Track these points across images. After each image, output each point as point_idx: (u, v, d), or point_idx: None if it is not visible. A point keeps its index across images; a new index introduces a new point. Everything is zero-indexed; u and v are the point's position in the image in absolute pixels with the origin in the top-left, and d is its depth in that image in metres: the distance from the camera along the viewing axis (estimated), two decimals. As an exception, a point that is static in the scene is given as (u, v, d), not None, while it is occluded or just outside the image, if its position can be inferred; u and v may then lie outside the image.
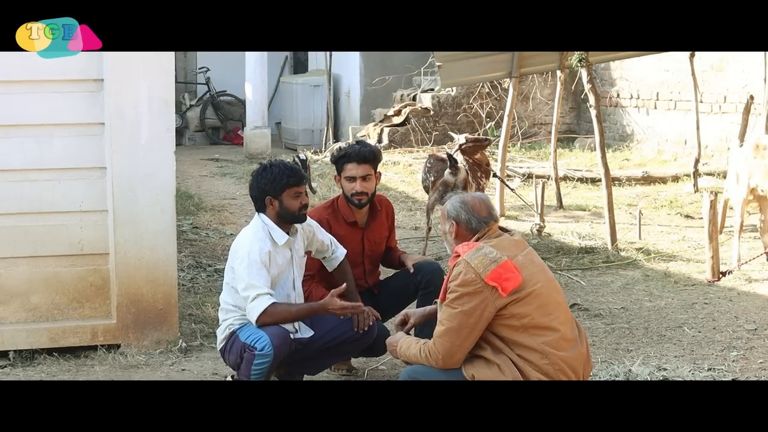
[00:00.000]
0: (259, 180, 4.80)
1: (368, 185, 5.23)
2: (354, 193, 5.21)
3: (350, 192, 5.22)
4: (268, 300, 4.62)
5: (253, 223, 4.86)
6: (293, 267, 4.88)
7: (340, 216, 5.29)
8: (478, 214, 4.14)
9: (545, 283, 4.06)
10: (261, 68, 14.58)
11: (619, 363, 5.45)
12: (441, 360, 4.02)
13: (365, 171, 5.20)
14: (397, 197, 10.93)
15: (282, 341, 4.61)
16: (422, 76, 15.11)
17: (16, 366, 5.59)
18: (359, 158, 5.19)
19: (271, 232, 4.78)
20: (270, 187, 4.76)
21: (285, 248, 4.82)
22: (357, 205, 5.24)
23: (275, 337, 4.60)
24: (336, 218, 5.28)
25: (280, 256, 4.79)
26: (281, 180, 4.76)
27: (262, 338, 4.59)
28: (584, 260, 8.04)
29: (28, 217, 5.67)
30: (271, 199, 4.77)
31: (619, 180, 11.26)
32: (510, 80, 10.17)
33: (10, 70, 5.47)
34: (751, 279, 7.29)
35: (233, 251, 4.80)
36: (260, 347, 4.58)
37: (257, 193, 4.81)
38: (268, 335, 4.59)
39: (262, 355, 4.59)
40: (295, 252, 4.89)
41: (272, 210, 4.79)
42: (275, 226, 4.79)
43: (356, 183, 5.20)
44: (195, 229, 9.15)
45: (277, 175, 4.77)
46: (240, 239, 4.83)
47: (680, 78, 12.75)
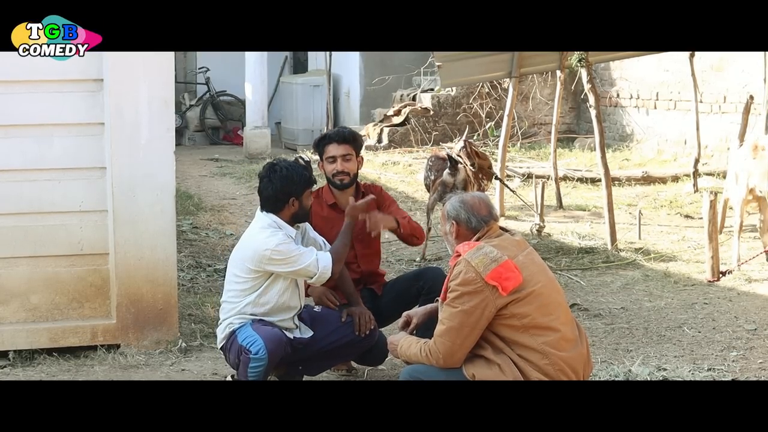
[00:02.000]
0: (282, 181, 4.76)
1: (349, 165, 5.24)
2: (335, 173, 5.23)
3: (331, 173, 5.24)
4: (324, 253, 4.78)
5: (260, 221, 4.82)
6: None
7: (322, 201, 5.31)
8: (478, 213, 4.15)
9: (546, 284, 4.06)
10: (261, 68, 14.58)
11: (619, 363, 5.45)
12: (442, 359, 4.02)
13: (345, 150, 5.23)
14: (397, 197, 10.91)
15: (276, 345, 4.62)
16: (422, 76, 15.11)
17: (15, 366, 5.59)
18: (339, 138, 5.24)
19: (281, 228, 4.79)
20: (294, 188, 4.77)
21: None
22: (338, 186, 5.25)
23: (269, 341, 4.60)
24: (319, 203, 5.31)
25: None
26: (305, 180, 4.81)
27: (257, 342, 4.60)
28: (584, 260, 8.04)
29: (28, 217, 5.67)
30: (294, 199, 4.78)
31: (619, 180, 11.26)
32: (510, 80, 10.17)
33: (10, 70, 5.46)
34: (751, 279, 7.29)
35: (250, 248, 4.75)
36: (254, 351, 4.60)
37: (280, 194, 4.77)
38: (263, 339, 4.60)
39: (256, 358, 4.60)
40: None
41: (291, 210, 4.79)
42: (284, 223, 4.80)
43: (337, 163, 5.22)
44: (195, 229, 9.16)
45: (301, 176, 4.80)
46: (256, 239, 4.76)
47: (680, 78, 12.75)
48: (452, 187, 7.80)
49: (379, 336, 5.02)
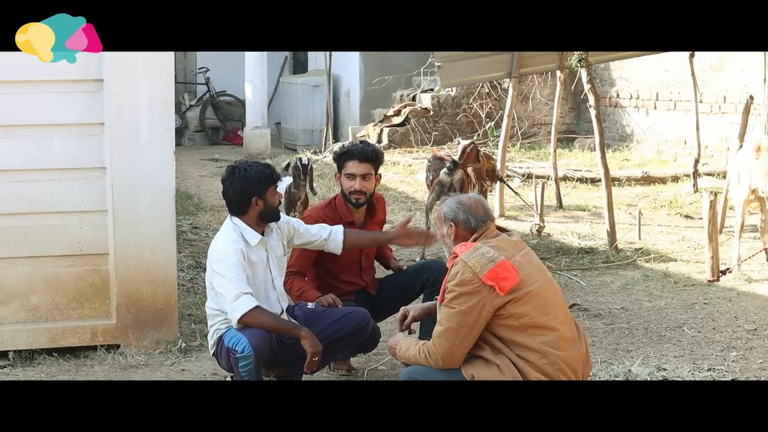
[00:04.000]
0: (241, 182, 4.74)
1: (367, 185, 5.23)
2: (352, 191, 5.22)
3: (349, 190, 5.23)
4: (252, 302, 4.60)
5: (225, 226, 4.84)
6: (270, 266, 4.87)
7: (338, 215, 5.29)
8: (476, 213, 4.15)
9: (543, 283, 4.06)
10: (261, 68, 14.59)
11: (619, 363, 5.45)
12: (440, 360, 4.02)
13: (366, 170, 5.21)
14: (397, 197, 10.93)
15: (260, 340, 4.60)
16: (422, 77, 15.12)
17: (15, 366, 5.59)
18: (361, 156, 5.21)
19: (243, 234, 4.76)
20: (255, 188, 4.73)
21: (260, 248, 4.81)
22: (354, 204, 5.25)
23: (253, 336, 4.59)
24: (334, 217, 5.28)
25: (255, 255, 4.78)
26: (266, 178, 4.76)
27: (241, 340, 4.60)
28: (584, 260, 8.04)
29: (28, 218, 5.67)
30: (257, 199, 4.75)
31: (619, 180, 11.26)
32: (510, 80, 10.18)
33: (10, 70, 5.47)
34: (751, 279, 7.29)
35: (210, 256, 4.77)
36: (240, 350, 4.59)
37: (241, 195, 4.74)
38: (246, 336, 4.59)
39: (243, 357, 4.59)
40: (271, 251, 4.88)
41: (255, 210, 4.76)
42: (247, 227, 4.77)
43: (356, 181, 5.20)
44: (195, 229, 9.16)
45: (261, 174, 4.76)
46: (214, 244, 4.80)
47: (680, 78, 12.76)
48: (450, 187, 7.79)
49: (372, 322, 5.03)
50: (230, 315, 4.63)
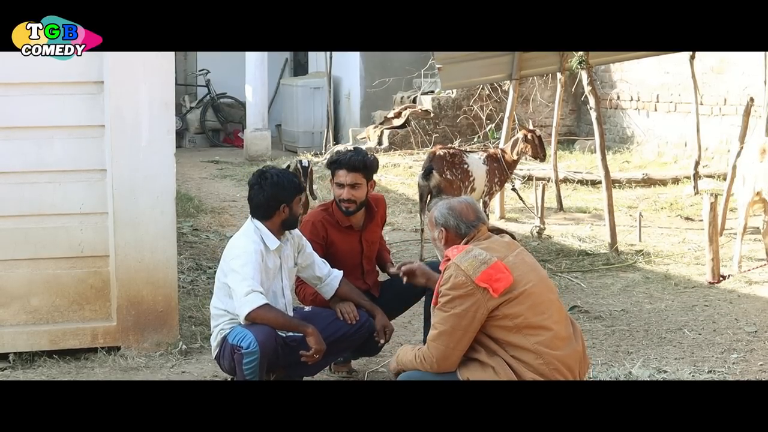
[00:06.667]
0: (273, 188, 4.79)
1: (357, 193, 5.22)
2: (341, 200, 5.23)
3: (338, 198, 5.24)
4: (262, 299, 4.64)
5: (246, 228, 4.87)
6: (282, 274, 4.89)
7: (335, 220, 5.30)
8: (467, 218, 4.16)
9: (537, 282, 4.06)
10: (261, 70, 14.59)
11: (620, 365, 5.45)
12: (436, 363, 4.02)
13: (354, 179, 5.20)
14: (398, 199, 10.94)
15: (266, 336, 4.61)
16: (422, 78, 15.13)
17: (16, 368, 5.59)
18: (349, 166, 5.20)
19: (263, 237, 4.79)
20: (285, 195, 4.80)
21: (275, 255, 4.84)
22: (344, 212, 5.25)
23: (259, 332, 4.60)
24: (332, 222, 5.29)
25: (271, 261, 4.81)
26: (295, 187, 4.85)
27: (247, 336, 4.61)
28: (584, 262, 8.04)
29: (29, 220, 5.67)
30: (285, 206, 4.80)
31: (620, 182, 11.27)
32: (510, 82, 10.17)
33: (11, 72, 5.46)
34: (752, 281, 7.28)
35: (228, 253, 4.79)
36: (246, 345, 4.60)
37: (271, 201, 4.79)
38: (252, 332, 4.61)
39: (249, 352, 4.59)
40: (284, 260, 4.91)
41: (281, 217, 4.81)
42: (269, 232, 4.81)
43: (344, 190, 5.20)
44: (195, 231, 9.15)
45: (291, 182, 4.84)
46: (234, 242, 4.83)
47: (680, 80, 12.76)
48: (428, 192, 7.86)
49: (371, 324, 5.04)
50: (239, 310, 4.65)
